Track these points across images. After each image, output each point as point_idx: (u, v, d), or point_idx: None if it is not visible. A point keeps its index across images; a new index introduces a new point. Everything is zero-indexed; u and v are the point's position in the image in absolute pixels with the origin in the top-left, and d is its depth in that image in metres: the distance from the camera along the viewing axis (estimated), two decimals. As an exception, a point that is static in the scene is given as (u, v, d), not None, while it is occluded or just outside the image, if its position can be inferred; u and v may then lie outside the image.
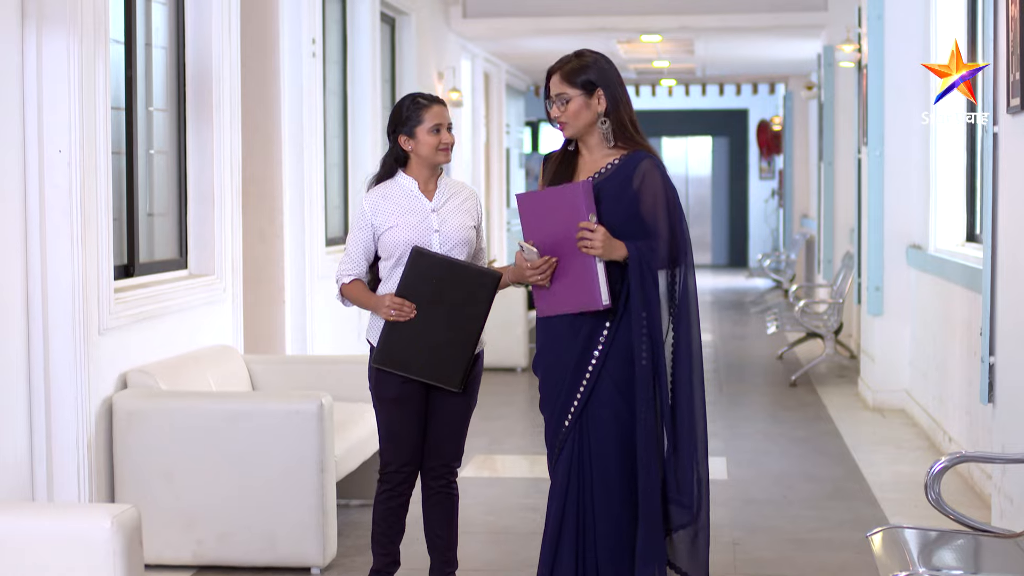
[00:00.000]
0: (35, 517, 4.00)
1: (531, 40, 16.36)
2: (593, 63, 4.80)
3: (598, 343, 4.75)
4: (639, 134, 4.84)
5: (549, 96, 4.82)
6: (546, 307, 4.82)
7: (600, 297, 4.66)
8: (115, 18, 6.51)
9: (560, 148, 4.93)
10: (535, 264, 4.74)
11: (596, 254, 4.64)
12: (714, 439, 9.16)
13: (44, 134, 5.73)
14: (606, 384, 4.73)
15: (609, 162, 4.81)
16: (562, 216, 4.69)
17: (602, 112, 4.78)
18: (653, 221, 4.72)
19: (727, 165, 27.16)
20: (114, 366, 6.17)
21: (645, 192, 4.73)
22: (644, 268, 4.67)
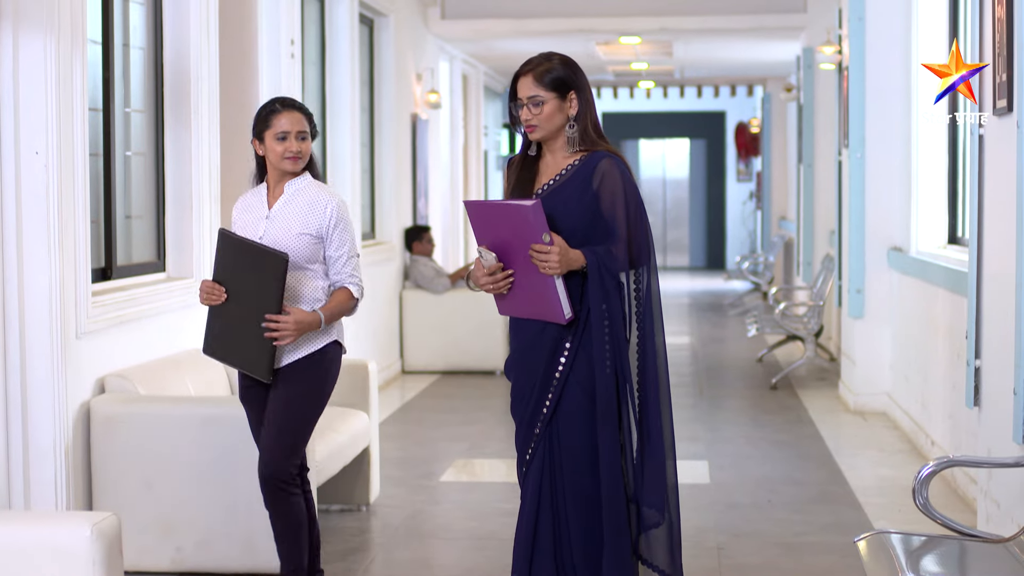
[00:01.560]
0: (13, 525, 3.94)
1: (509, 42, 16.32)
2: (566, 66, 4.73)
3: (564, 349, 4.67)
4: (602, 138, 4.77)
5: (516, 98, 4.73)
6: (506, 308, 4.75)
7: (562, 312, 4.58)
8: (92, 18, 6.45)
9: (521, 152, 4.86)
10: (490, 270, 4.65)
11: (554, 273, 4.55)
12: (695, 443, 9.13)
13: (20, 135, 5.66)
14: (574, 390, 4.66)
15: (569, 163, 4.73)
16: (514, 230, 4.57)
17: (573, 116, 4.72)
18: (612, 222, 4.65)
19: (705, 167, 27.17)
20: (92, 370, 6.10)
21: (604, 192, 4.65)
22: (604, 275, 4.60)
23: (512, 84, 4.74)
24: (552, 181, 4.73)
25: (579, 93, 4.71)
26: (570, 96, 4.70)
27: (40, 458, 5.75)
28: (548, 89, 4.67)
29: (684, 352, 14.21)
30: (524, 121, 4.71)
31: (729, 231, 27.00)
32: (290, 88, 8.92)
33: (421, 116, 13.72)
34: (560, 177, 4.72)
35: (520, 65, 4.74)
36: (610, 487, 4.62)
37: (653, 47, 17.12)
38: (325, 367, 5.32)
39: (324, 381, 5.34)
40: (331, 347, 5.34)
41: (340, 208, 5.32)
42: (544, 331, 4.68)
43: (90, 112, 6.29)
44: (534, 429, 4.71)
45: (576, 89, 4.71)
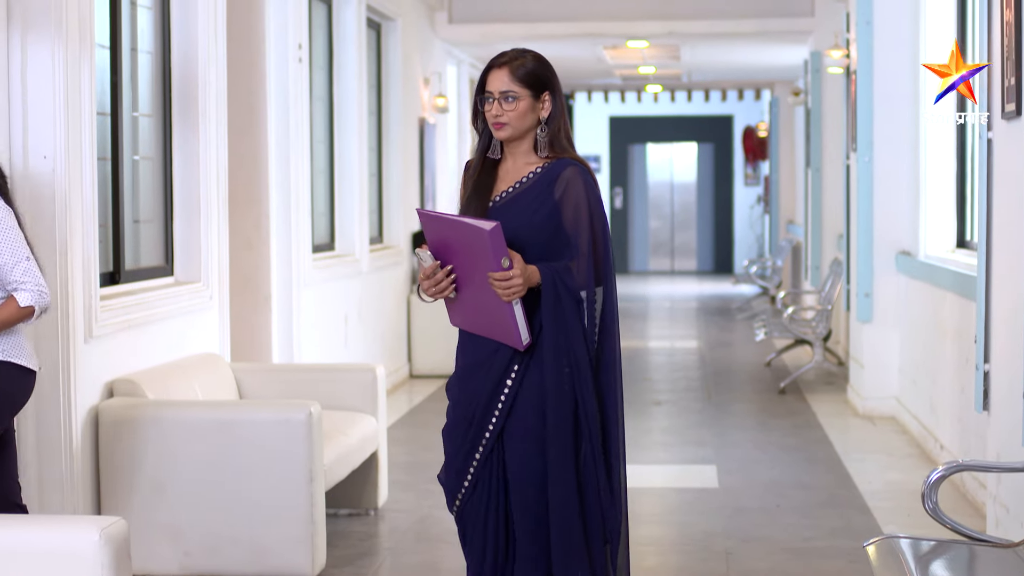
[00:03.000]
0: (21, 529, 3.93)
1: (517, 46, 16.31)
2: (543, 64, 4.46)
3: (511, 372, 4.40)
4: (572, 146, 4.50)
5: (484, 91, 4.41)
6: (459, 319, 4.49)
7: (519, 337, 4.30)
8: (100, 22, 6.45)
9: (479, 154, 4.55)
10: (427, 272, 4.36)
11: (514, 297, 4.26)
12: (703, 447, 9.12)
13: (29, 139, 5.66)
14: (525, 414, 4.39)
15: (531, 170, 4.45)
16: (470, 248, 4.27)
17: (544, 118, 4.44)
18: (574, 235, 4.36)
19: (712, 171, 27.14)
20: (100, 374, 6.10)
21: (566, 203, 4.37)
22: (561, 292, 4.32)
23: (482, 77, 4.44)
24: (512, 188, 4.45)
25: (553, 95, 4.44)
26: (544, 97, 4.43)
27: (48, 462, 5.74)
28: (523, 85, 4.38)
29: (692, 356, 14.19)
30: (494, 117, 4.39)
31: (737, 235, 26.98)
32: (297, 93, 8.93)
33: (428, 120, 13.72)
34: (520, 184, 4.44)
35: (493, 58, 4.46)
36: (562, 510, 4.39)
37: (661, 51, 17.11)
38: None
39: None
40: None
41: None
42: (498, 352, 4.41)
43: (98, 116, 6.29)
44: (472, 458, 4.46)
45: (551, 90, 4.44)
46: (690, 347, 14.98)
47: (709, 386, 11.98)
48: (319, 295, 9.52)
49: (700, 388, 11.86)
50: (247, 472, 5.92)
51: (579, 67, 19.27)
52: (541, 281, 4.31)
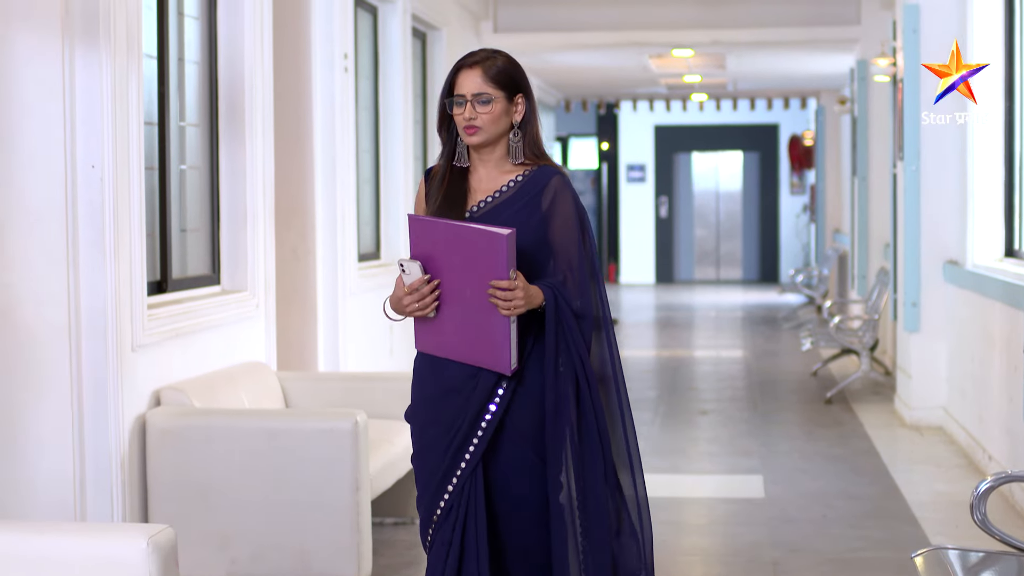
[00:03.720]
0: (69, 537, 3.95)
1: (562, 55, 16.34)
2: (515, 64, 4.20)
3: (496, 394, 4.10)
4: (546, 154, 4.25)
5: (453, 93, 4.15)
6: (434, 344, 4.14)
7: (509, 361, 4.00)
8: (148, 33, 6.48)
9: (443, 162, 4.27)
10: (413, 286, 4.04)
11: (515, 313, 3.98)
12: (749, 457, 9.09)
13: (77, 149, 5.69)
14: (511, 438, 4.10)
15: (510, 179, 4.18)
16: (471, 259, 3.98)
17: (518, 122, 4.18)
18: (565, 250, 4.12)
19: (758, 180, 27.06)
20: (147, 383, 6.13)
21: (555, 215, 4.13)
22: (563, 313, 4.07)
23: (450, 79, 4.18)
24: (491, 198, 4.17)
25: (527, 97, 4.19)
26: (517, 99, 4.17)
27: (96, 470, 5.77)
28: (497, 86, 4.13)
29: (738, 366, 14.14)
30: (466, 120, 4.11)
31: (783, 244, 26.88)
32: (343, 102, 8.95)
33: (474, 129, 13.72)
34: (500, 194, 4.17)
35: (462, 58, 4.19)
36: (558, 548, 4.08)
37: (706, 59, 17.08)
38: None
39: None
40: None
41: None
42: (478, 375, 4.09)
43: (146, 126, 6.32)
44: (447, 484, 4.13)
45: (524, 92, 4.19)
46: (736, 357, 14.93)
47: (755, 396, 11.94)
48: (365, 304, 9.53)
49: (746, 398, 11.82)
50: (293, 480, 5.93)
51: (624, 76, 19.26)
52: (544, 301, 4.05)
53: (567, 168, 27.41)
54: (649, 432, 10.08)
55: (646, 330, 18.03)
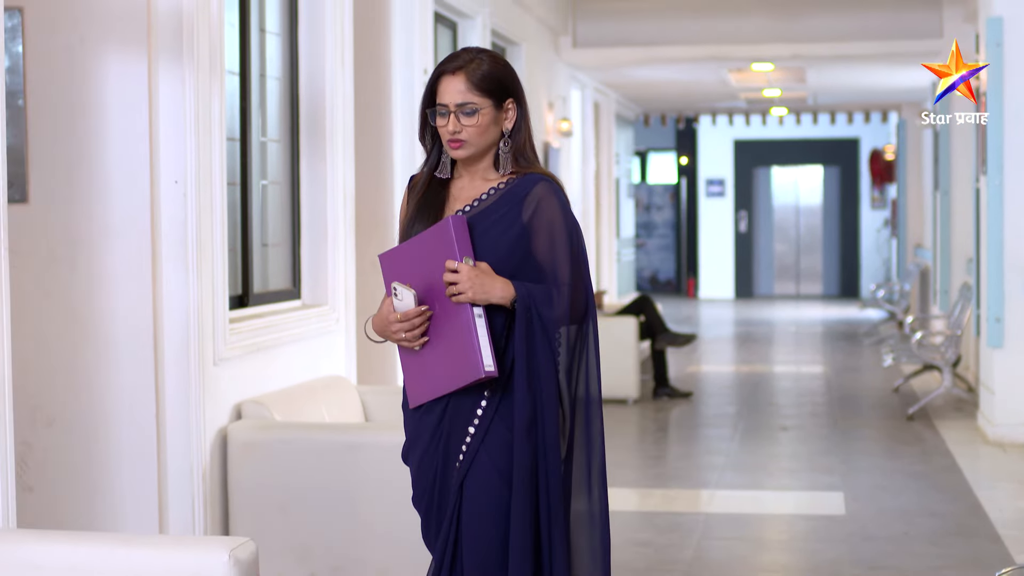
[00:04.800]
0: (150, 550, 3.98)
1: (641, 70, 16.32)
2: (503, 65, 3.77)
3: (477, 413, 3.71)
4: (537, 159, 3.84)
5: (435, 103, 3.73)
6: (421, 391, 3.75)
7: (480, 361, 3.57)
8: (230, 49, 6.54)
9: (424, 171, 3.88)
10: (409, 316, 3.65)
11: (465, 298, 3.58)
12: (829, 474, 9.02)
13: (160, 165, 5.75)
14: (484, 467, 3.70)
15: (492, 186, 3.78)
16: (430, 267, 3.64)
17: (508, 130, 3.76)
18: (551, 264, 3.69)
19: (838, 194, 26.89)
20: (228, 397, 6.17)
21: (539, 226, 3.69)
22: (533, 316, 3.62)
23: (431, 86, 3.76)
24: (468, 207, 3.76)
25: (518, 101, 3.77)
26: (507, 104, 3.75)
27: (177, 483, 5.82)
28: (483, 94, 3.69)
29: (818, 382, 14.05)
30: (450, 134, 3.69)
31: (863, 259, 26.69)
32: (423, 117, 8.97)
33: (553, 144, 13.74)
34: (480, 202, 3.76)
35: (443, 61, 3.76)
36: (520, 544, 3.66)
37: (786, 74, 17.00)
38: None
39: None
40: None
41: None
42: (451, 400, 3.72)
43: (228, 142, 6.37)
44: (442, 524, 3.77)
45: (515, 96, 3.77)
46: (816, 372, 14.83)
47: (835, 412, 11.85)
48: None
49: (826, 414, 11.74)
50: (373, 494, 5.95)
51: (703, 90, 19.21)
52: (516, 299, 3.62)
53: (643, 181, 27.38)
54: (728, 448, 10.03)
55: (725, 345, 17.95)
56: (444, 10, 10.17)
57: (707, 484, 8.77)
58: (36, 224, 5.54)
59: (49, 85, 5.54)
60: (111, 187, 5.66)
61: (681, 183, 27.46)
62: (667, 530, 7.45)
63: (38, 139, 5.59)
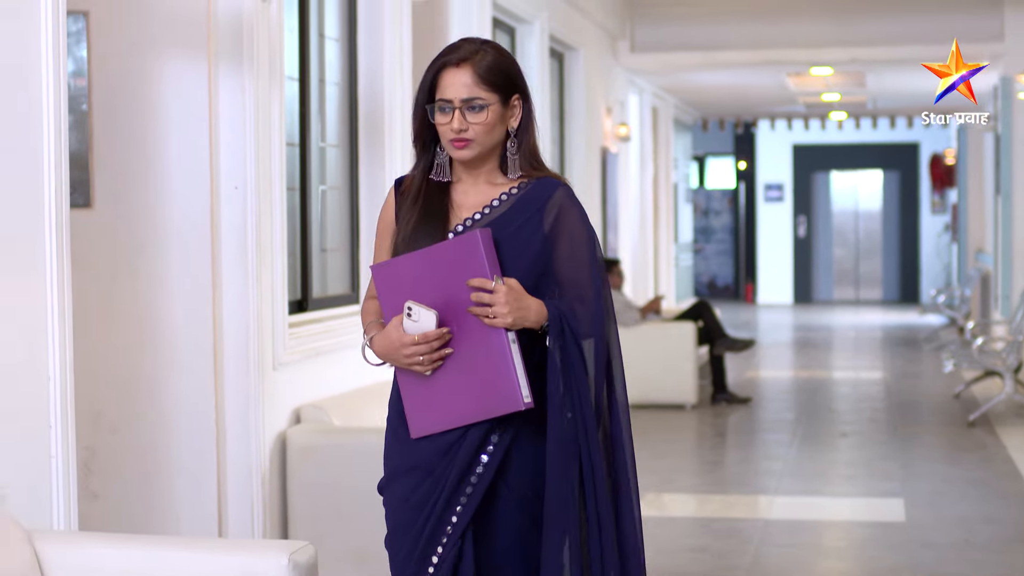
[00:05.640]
0: (210, 553, 4.00)
1: (699, 74, 16.28)
2: (508, 58, 3.42)
3: (488, 445, 3.32)
4: (544, 164, 3.49)
5: (435, 99, 3.36)
6: (428, 421, 3.34)
7: (519, 390, 3.22)
8: (290, 55, 6.57)
9: (416, 174, 3.47)
10: (429, 337, 3.26)
11: (502, 322, 3.21)
12: (889, 480, 8.97)
13: (220, 170, 5.78)
14: (505, 504, 3.32)
15: (504, 191, 3.41)
16: (447, 284, 3.26)
17: (514, 128, 3.41)
18: (573, 276, 3.35)
19: (898, 199, 26.72)
20: (288, 401, 6.20)
21: (561, 236, 3.35)
22: (568, 340, 3.28)
23: (430, 79, 3.39)
24: (479, 215, 3.40)
25: (523, 97, 3.42)
26: (514, 101, 3.40)
27: (237, 486, 5.85)
28: (491, 88, 3.34)
29: (877, 387, 13.97)
30: (455, 132, 3.33)
31: (923, 264, 26.51)
32: (481, 122, 8.99)
33: (611, 149, 13.73)
34: (491, 209, 3.40)
35: (443, 52, 3.40)
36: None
37: (845, 78, 16.92)
38: None
39: None
40: None
41: None
42: (466, 433, 3.32)
43: (287, 147, 6.40)
44: (427, 563, 3.36)
45: (521, 92, 3.42)
46: (875, 378, 14.75)
47: (895, 418, 11.78)
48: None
49: (886, 420, 11.66)
50: (431, 499, 5.95)
51: (762, 94, 19.14)
52: (548, 320, 3.27)
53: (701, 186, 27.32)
54: (787, 454, 9.99)
55: (784, 351, 17.88)
56: (502, 15, 10.18)
57: (765, 490, 8.74)
58: (100, 230, 5.57)
59: (112, 89, 5.57)
60: (172, 192, 5.69)
61: (739, 188, 27.37)
62: (725, 536, 7.42)
63: (102, 144, 5.63)
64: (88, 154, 5.48)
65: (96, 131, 5.53)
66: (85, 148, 5.47)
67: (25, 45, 4.27)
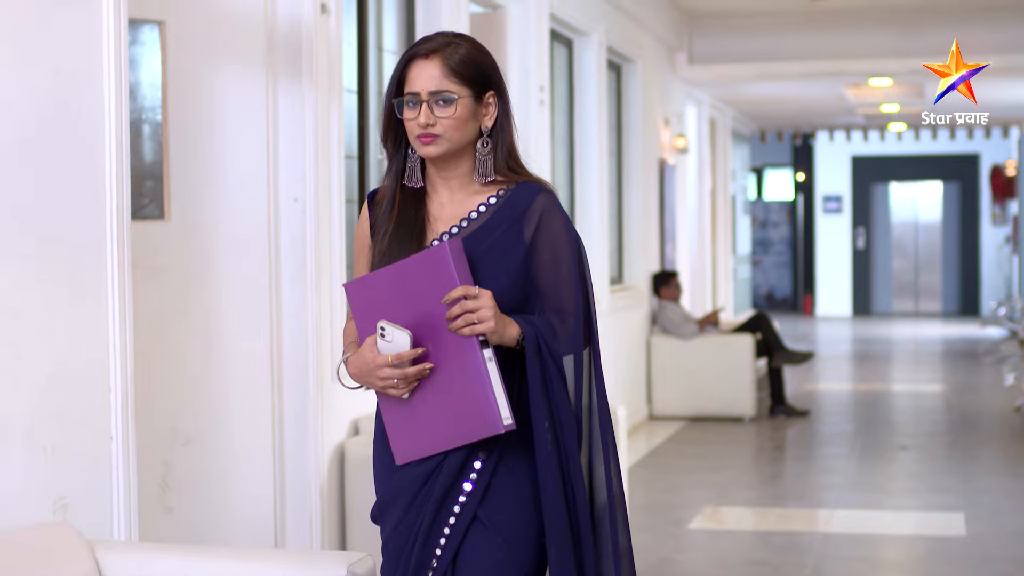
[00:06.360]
0: (270, 564, 4.02)
1: (757, 86, 16.24)
2: (483, 52, 3.22)
3: (471, 472, 3.10)
4: (524, 167, 3.24)
5: (403, 92, 3.15)
6: (410, 447, 3.13)
7: (497, 413, 2.99)
8: (348, 68, 6.59)
9: (390, 182, 3.23)
10: (403, 358, 3.02)
11: (485, 327, 2.97)
12: (948, 494, 8.90)
13: (280, 183, 5.81)
14: (482, 539, 3.10)
15: (481, 202, 3.18)
16: (420, 299, 3.03)
17: (488, 128, 3.19)
18: (554, 289, 3.12)
19: (958, 211, 26.54)
20: (346, 412, 6.21)
21: (543, 244, 3.12)
22: (546, 357, 3.06)
23: (399, 72, 3.18)
24: (456, 228, 3.18)
25: (499, 94, 3.22)
26: (487, 98, 3.19)
27: (296, 498, 5.86)
28: (461, 81, 3.13)
29: (937, 400, 13.87)
30: (422, 127, 3.11)
31: (984, 276, 26.30)
32: (539, 134, 9.00)
33: (668, 161, 13.71)
34: (469, 222, 3.17)
35: (413, 44, 3.21)
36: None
37: (904, 89, 16.82)
38: None
39: None
40: None
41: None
42: (446, 459, 3.11)
43: (345, 160, 6.43)
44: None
45: (496, 88, 3.21)
46: (935, 391, 14.64)
47: (955, 431, 11.69)
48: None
49: (946, 433, 11.57)
50: (488, 511, 5.95)
51: (820, 106, 19.06)
52: (522, 336, 3.05)
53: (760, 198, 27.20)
54: (846, 467, 9.93)
55: (842, 363, 17.77)
56: (560, 27, 10.19)
57: (824, 503, 8.69)
58: (173, 241, 5.55)
59: (184, 100, 5.56)
60: (233, 204, 5.71)
61: (798, 200, 27.25)
62: (784, 550, 7.39)
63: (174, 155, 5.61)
64: (163, 165, 5.43)
65: (171, 142, 5.49)
66: (160, 159, 5.42)
67: (88, 57, 4.30)
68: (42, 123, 4.10)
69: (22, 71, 4.01)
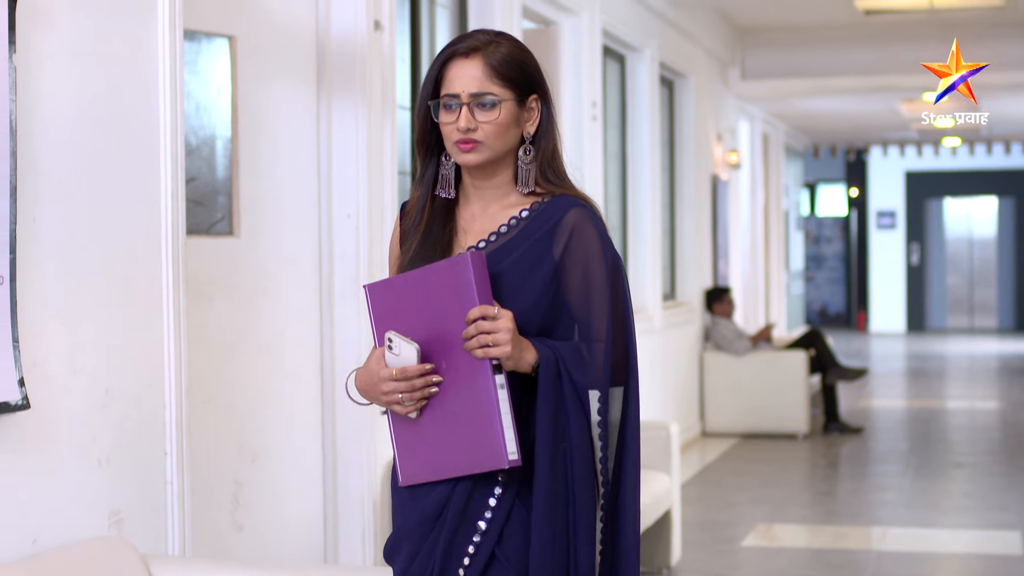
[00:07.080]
0: (324, 580, 4.03)
1: (810, 101, 16.18)
2: (526, 52, 2.93)
3: (487, 506, 2.82)
4: (567, 177, 2.98)
5: (441, 94, 2.87)
6: (416, 469, 2.90)
7: (503, 446, 2.74)
8: (401, 83, 6.61)
9: (422, 191, 2.99)
10: (408, 373, 2.79)
11: (498, 353, 2.71)
12: (1005, 512, 8.83)
13: (333, 199, 5.83)
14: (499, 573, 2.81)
15: (513, 215, 2.91)
16: (432, 313, 2.81)
17: (531, 134, 2.92)
18: (584, 312, 2.83)
19: (1013, 226, 26.35)
20: (398, 428, 6.20)
21: (572, 262, 2.84)
22: (564, 384, 2.76)
23: (436, 72, 2.90)
24: (484, 243, 2.91)
25: (543, 98, 2.94)
26: (531, 102, 2.92)
27: (348, 512, 5.87)
28: (505, 84, 2.86)
29: (993, 417, 13.76)
30: (461, 132, 2.85)
31: (1040, 292, 26.12)
32: (592, 150, 9.00)
33: (721, 177, 13.68)
34: (498, 236, 2.90)
35: (451, 42, 2.91)
36: None
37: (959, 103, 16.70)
38: None
39: None
40: None
41: None
42: (457, 485, 2.82)
43: (398, 176, 6.44)
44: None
45: (540, 92, 2.94)
46: (991, 408, 14.53)
47: (1011, 449, 11.59)
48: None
49: (1002, 451, 11.48)
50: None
51: (874, 121, 18.98)
52: (539, 361, 2.76)
53: (813, 213, 27.09)
54: (900, 484, 9.86)
55: (897, 380, 17.67)
56: (613, 43, 10.19)
57: (879, 521, 8.63)
58: (241, 257, 5.53)
59: (250, 115, 5.54)
60: (285, 220, 5.73)
61: (851, 215, 27.14)
62: (838, 567, 7.34)
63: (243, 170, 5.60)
64: (233, 180, 5.41)
65: (240, 157, 5.46)
66: (230, 174, 5.39)
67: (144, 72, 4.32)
68: (97, 141, 4.12)
69: (80, 89, 4.03)
